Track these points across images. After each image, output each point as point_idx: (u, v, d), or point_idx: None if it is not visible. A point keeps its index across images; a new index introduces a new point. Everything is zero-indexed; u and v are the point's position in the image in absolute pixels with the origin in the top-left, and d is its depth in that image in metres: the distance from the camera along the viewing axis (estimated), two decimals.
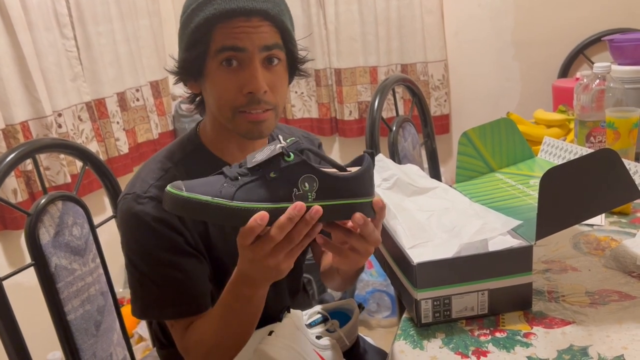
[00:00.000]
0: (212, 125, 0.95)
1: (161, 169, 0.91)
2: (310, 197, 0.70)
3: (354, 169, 0.76)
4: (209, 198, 0.68)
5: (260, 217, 0.68)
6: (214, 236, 0.92)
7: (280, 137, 0.74)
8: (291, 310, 1.00)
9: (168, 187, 0.69)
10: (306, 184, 0.70)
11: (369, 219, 0.75)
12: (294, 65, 0.94)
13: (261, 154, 0.72)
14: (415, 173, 1.12)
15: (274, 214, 0.68)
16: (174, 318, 0.91)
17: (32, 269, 1.03)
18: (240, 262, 0.76)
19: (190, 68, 0.88)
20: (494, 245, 0.87)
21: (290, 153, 0.71)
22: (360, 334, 1.17)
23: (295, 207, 0.68)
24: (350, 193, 0.73)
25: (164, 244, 0.87)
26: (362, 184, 0.74)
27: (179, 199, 0.68)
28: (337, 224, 0.77)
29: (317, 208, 0.69)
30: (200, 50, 0.85)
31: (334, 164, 0.76)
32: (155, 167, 0.92)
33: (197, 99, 0.96)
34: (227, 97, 0.86)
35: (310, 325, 0.99)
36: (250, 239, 0.70)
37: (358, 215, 0.73)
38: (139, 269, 0.89)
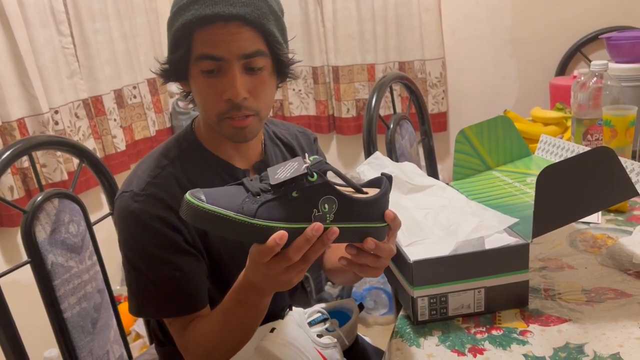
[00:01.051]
0: (205, 123, 0.95)
1: (157, 166, 0.91)
2: (328, 218, 0.70)
3: (370, 191, 0.76)
4: (231, 213, 0.66)
5: (279, 237, 0.67)
6: (213, 234, 0.92)
7: (306, 155, 0.74)
8: (293, 308, 1.00)
9: (188, 196, 0.67)
10: (326, 205, 0.70)
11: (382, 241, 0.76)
12: (282, 68, 0.91)
13: (284, 171, 0.71)
14: (412, 171, 1.12)
15: (292, 234, 0.68)
16: (171, 316, 0.91)
17: (28, 266, 1.03)
18: (252, 274, 0.75)
19: (174, 70, 0.89)
20: (491, 243, 0.88)
21: (314, 173, 0.71)
22: (359, 333, 1.17)
23: (313, 228, 0.68)
24: (367, 217, 0.73)
25: (162, 242, 0.87)
26: (379, 208, 0.74)
27: (199, 210, 0.66)
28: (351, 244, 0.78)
29: (334, 230, 0.69)
30: (182, 54, 0.85)
31: (351, 185, 0.76)
32: (151, 165, 0.92)
33: (190, 95, 0.96)
34: (209, 104, 0.87)
35: (310, 324, 0.99)
36: (268, 257, 0.69)
37: (370, 241, 0.74)
38: (136, 267, 0.89)
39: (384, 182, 0.76)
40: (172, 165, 0.92)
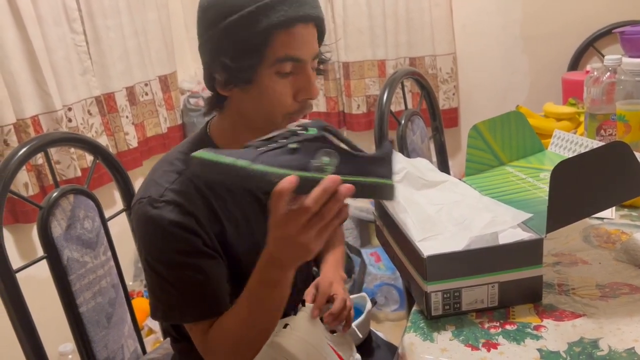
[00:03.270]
0: (234, 126, 0.92)
1: (175, 171, 0.90)
2: (328, 169, 0.72)
3: None
4: (229, 159, 0.70)
5: (289, 180, 0.68)
6: (230, 235, 0.92)
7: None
8: (306, 304, 1.00)
9: (195, 153, 0.70)
10: (325, 158, 0.72)
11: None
12: (319, 66, 0.93)
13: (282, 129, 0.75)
14: (424, 167, 1.12)
15: (300, 183, 0.69)
16: (195, 321, 0.90)
17: (42, 262, 1.04)
18: (271, 242, 0.76)
19: (238, 76, 0.83)
20: (504, 238, 0.88)
21: (309, 128, 0.73)
22: (372, 328, 1.17)
23: (330, 179, 0.69)
24: (372, 173, 0.74)
25: (182, 247, 0.87)
26: (384, 166, 0.75)
27: (203, 161, 0.70)
28: None
29: (348, 186, 0.70)
30: (255, 58, 0.82)
31: (353, 147, 0.77)
32: (168, 170, 0.90)
33: (216, 99, 0.91)
34: (281, 104, 0.86)
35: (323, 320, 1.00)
36: (280, 204, 0.69)
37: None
38: (158, 273, 0.88)
39: (385, 144, 0.77)
40: (189, 169, 0.91)
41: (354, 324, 1.03)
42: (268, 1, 0.79)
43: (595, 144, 1.14)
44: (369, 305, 1.07)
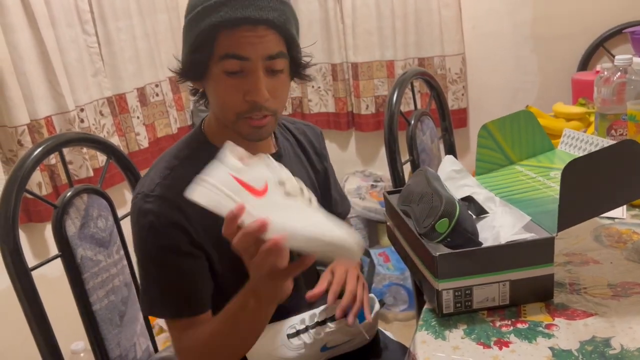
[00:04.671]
0: (217, 122, 0.97)
1: (167, 167, 0.93)
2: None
3: None
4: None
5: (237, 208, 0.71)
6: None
7: None
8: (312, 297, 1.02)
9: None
10: None
11: None
12: (297, 70, 0.95)
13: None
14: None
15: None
16: (172, 317, 0.92)
17: (56, 260, 1.06)
18: (251, 276, 0.80)
19: (193, 70, 0.90)
20: (515, 236, 0.88)
21: None
22: (380, 328, 1.18)
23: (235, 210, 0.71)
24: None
25: (167, 244, 0.89)
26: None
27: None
28: None
29: (262, 223, 0.70)
30: (204, 54, 0.87)
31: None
32: (162, 166, 0.94)
33: (200, 92, 0.97)
34: (230, 103, 0.89)
35: (332, 320, 1.01)
36: (230, 230, 0.72)
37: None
38: (144, 266, 0.92)
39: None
40: (182, 165, 0.93)
41: (360, 325, 1.03)
42: (212, 2, 0.84)
43: (606, 142, 1.14)
44: (377, 306, 1.08)
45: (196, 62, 0.88)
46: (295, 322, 1.01)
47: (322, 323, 1.01)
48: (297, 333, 1.00)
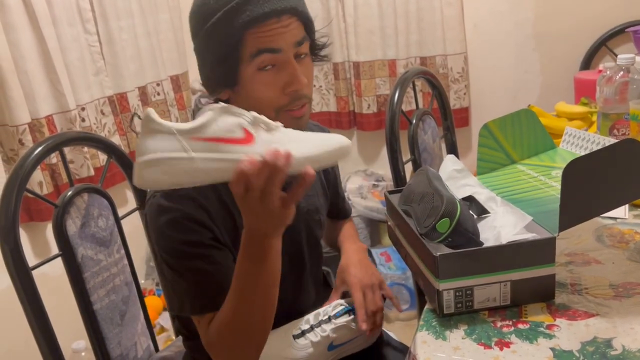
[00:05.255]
0: None
1: None
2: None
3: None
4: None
5: (248, 162, 0.70)
6: (241, 229, 0.93)
7: None
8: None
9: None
10: None
11: None
12: (314, 52, 0.96)
13: None
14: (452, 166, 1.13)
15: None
16: (201, 312, 0.91)
17: (57, 259, 1.05)
18: (244, 217, 0.78)
19: (224, 78, 0.88)
20: (516, 236, 0.87)
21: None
22: (383, 329, 1.17)
23: (269, 154, 0.70)
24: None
25: (192, 239, 0.88)
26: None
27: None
28: None
29: (286, 154, 0.71)
30: (234, 59, 0.85)
31: None
32: None
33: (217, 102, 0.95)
34: (269, 99, 0.87)
35: (335, 317, 1.00)
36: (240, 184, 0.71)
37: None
38: (168, 264, 0.90)
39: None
40: None
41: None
42: (234, 4, 0.83)
43: (607, 141, 1.13)
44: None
45: (227, 69, 0.87)
46: (301, 323, 1.01)
47: (326, 321, 1.00)
48: (303, 333, 0.99)
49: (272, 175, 0.71)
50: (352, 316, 1.01)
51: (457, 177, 1.10)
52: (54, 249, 1.06)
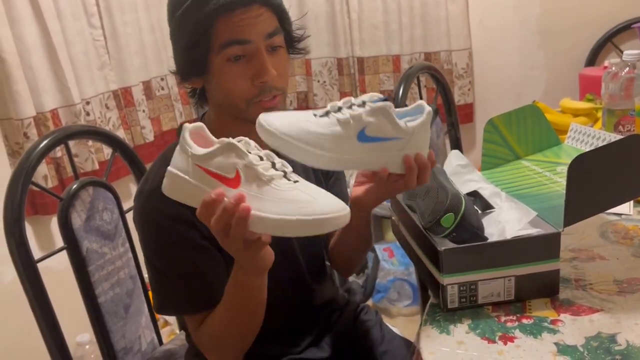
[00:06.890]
0: (218, 116, 0.95)
1: (167, 164, 0.92)
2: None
3: None
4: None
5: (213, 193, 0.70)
6: None
7: None
8: None
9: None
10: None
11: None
12: (291, 45, 0.95)
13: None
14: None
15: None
16: (188, 313, 0.92)
17: (62, 253, 1.06)
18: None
19: (193, 66, 0.89)
20: (521, 232, 0.87)
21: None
22: (387, 323, 1.17)
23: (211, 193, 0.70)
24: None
25: (177, 240, 0.88)
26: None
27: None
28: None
29: (244, 207, 0.69)
30: (203, 48, 0.86)
31: None
32: (164, 163, 0.92)
33: (197, 92, 0.96)
34: (239, 91, 0.87)
35: (372, 102, 0.89)
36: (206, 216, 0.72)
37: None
38: (154, 265, 0.91)
39: None
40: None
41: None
42: None
43: (612, 137, 1.13)
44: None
45: (195, 58, 0.87)
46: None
47: (360, 104, 0.80)
48: (327, 113, 0.80)
49: (228, 218, 0.70)
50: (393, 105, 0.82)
51: (461, 172, 1.10)
52: (59, 242, 1.06)
